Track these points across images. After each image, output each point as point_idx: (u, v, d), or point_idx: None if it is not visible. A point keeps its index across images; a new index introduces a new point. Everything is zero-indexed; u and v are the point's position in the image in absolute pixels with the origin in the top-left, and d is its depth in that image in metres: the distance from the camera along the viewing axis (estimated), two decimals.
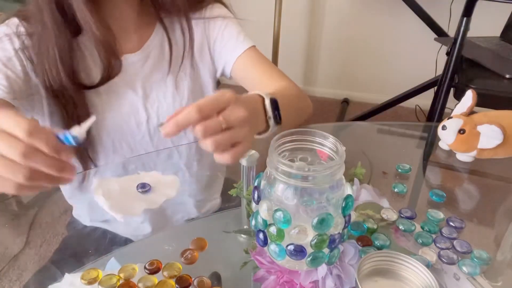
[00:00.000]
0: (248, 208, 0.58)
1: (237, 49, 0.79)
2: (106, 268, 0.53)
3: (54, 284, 0.50)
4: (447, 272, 0.50)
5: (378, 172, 0.73)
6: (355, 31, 2.49)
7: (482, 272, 0.50)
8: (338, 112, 2.52)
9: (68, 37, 0.67)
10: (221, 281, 0.51)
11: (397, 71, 2.50)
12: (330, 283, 0.46)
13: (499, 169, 0.78)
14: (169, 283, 0.48)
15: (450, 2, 2.09)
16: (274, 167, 0.42)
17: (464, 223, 0.59)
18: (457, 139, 0.73)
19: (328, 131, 0.46)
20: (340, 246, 0.48)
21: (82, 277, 0.49)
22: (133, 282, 0.49)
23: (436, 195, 0.66)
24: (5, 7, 1.60)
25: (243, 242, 0.58)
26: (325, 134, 0.45)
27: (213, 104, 0.44)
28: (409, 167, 0.73)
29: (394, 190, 0.67)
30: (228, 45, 0.80)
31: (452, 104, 0.98)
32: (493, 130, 0.70)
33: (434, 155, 0.84)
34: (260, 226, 0.46)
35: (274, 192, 0.44)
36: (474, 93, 0.75)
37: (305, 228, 0.43)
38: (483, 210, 0.70)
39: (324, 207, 0.43)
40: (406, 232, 0.56)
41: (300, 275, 0.48)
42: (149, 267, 0.50)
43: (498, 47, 1.67)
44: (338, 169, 0.42)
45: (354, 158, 0.66)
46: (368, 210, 0.57)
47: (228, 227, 0.62)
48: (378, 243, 0.52)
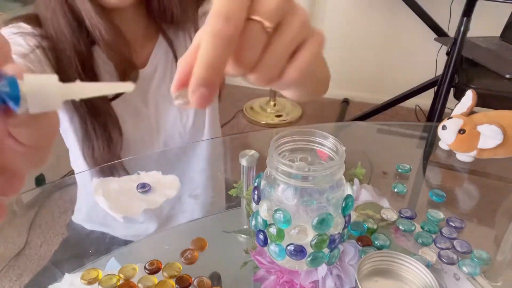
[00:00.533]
0: (248, 208, 0.58)
1: None
2: (106, 268, 0.53)
3: (54, 284, 0.50)
4: (447, 272, 0.50)
5: (378, 172, 0.73)
6: (355, 31, 2.49)
7: (482, 272, 0.50)
8: (338, 112, 2.52)
9: (87, 45, 0.66)
10: (221, 281, 0.51)
11: (397, 71, 2.50)
12: (330, 283, 0.46)
13: (499, 169, 0.78)
14: (169, 283, 0.48)
15: (450, 2, 2.09)
16: (274, 167, 0.42)
17: (464, 223, 0.58)
18: (457, 139, 0.73)
19: (328, 131, 0.46)
20: (340, 246, 0.48)
21: (82, 277, 0.49)
22: (133, 282, 0.49)
23: (436, 195, 0.66)
24: (5, 7, 1.60)
25: (243, 242, 0.58)
26: (325, 134, 0.45)
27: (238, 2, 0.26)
28: (409, 167, 0.73)
29: (394, 190, 0.67)
30: None
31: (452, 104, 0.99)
32: (493, 130, 0.70)
33: (434, 155, 0.84)
34: (260, 226, 0.46)
35: (274, 192, 0.44)
36: (474, 93, 0.75)
37: (305, 228, 0.43)
38: (483, 210, 0.70)
39: (324, 207, 0.43)
40: (406, 232, 0.56)
41: (300, 275, 0.48)
42: (149, 267, 0.50)
43: (498, 47, 1.67)
44: (338, 169, 0.42)
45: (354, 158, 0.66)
46: (368, 210, 0.57)
47: (228, 227, 0.62)
48: (378, 243, 0.52)
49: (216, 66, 0.26)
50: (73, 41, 0.65)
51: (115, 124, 0.71)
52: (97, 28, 0.64)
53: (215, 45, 0.25)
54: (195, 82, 0.26)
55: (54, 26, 0.65)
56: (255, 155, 0.55)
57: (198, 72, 0.26)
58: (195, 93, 0.26)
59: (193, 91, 0.26)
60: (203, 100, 0.26)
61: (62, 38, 0.65)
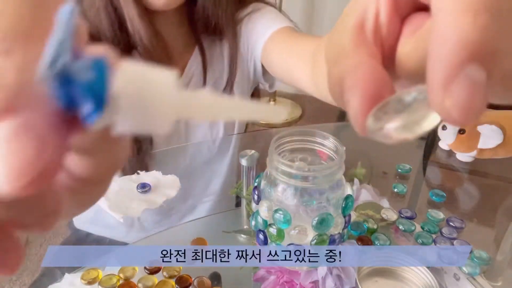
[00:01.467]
0: (248, 208, 0.58)
1: (268, 30, 0.69)
2: (106, 268, 0.53)
3: (54, 284, 0.50)
4: (447, 272, 0.50)
5: (378, 172, 0.73)
6: None
7: (482, 272, 0.50)
8: (338, 112, 2.52)
9: (126, 49, 0.65)
10: (221, 281, 0.51)
11: None
12: (330, 283, 0.46)
13: (499, 169, 0.78)
14: (169, 283, 0.48)
15: None
16: (274, 167, 0.42)
17: (464, 223, 0.58)
18: (457, 139, 0.73)
19: (328, 131, 0.46)
20: (340, 246, 0.48)
21: (82, 277, 0.49)
22: (133, 282, 0.49)
23: (436, 195, 0.66)
24: None
25: (243, 242, 0.58)
26: (325, 134, 0.45)
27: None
28: (409, 167, 0.73)
29: (394, 190, 0.67)
30: (256, 31, 0.71)
31: None
32: (493, 130, 0.70)
33: (434, 155, 0.84)
34: (260, 226, 0.46)
35: (274, 192, 0.44)
36: None
37: (305, 228, 0.43)
38: (483, 210, 0.70)
39: (324, 207, 0.43)
40: (406, 232, 0.56)
41: (300, 275, 0.48)
42: (149, 267, 0.50)
43: None
44: (338, 169, 0.42)
45: (354, 158, 0.66)
46: (368, 210, 0.57)
47: (228, 227, 0.62)
48: (378, 243, 0.52)
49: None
50: (113, 43, 0.63)
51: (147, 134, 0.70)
52: (138, 32, 0.63)
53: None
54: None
55: (96, 26, 0.63)
56: (255, 155, 0.55)
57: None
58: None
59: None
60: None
61: (102, 38, 0.63)
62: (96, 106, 0.10)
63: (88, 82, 0.10)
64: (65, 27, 0.11)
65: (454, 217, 0.60)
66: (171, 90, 0.11)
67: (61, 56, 0.10)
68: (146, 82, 0.11)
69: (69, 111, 0.10)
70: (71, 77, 0.10)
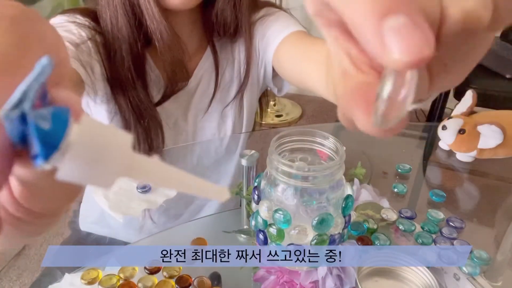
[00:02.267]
0: (248, 208, 0.58)
1: (280, 34, 0.69)
2: (106, 268, 0.53)
3: (54, 284, 0.50)
4: (447, 272, 0.50)
5: (378, 172, 0.73)
6: None
7: (482, 272, 0.50)
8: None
9: (142, 47, 0.65)
10: (221, 281, 0.51)
11: None
12: (330, 283, 0.46)
13: (499, 169, 0.78)
14: (169, 283, 0.48)
15: None
16: (274, 167, 0.42)
17: (464, 223, 0.58)
18: (457, 139, 0.73)
19: (328, 131, 0.46)
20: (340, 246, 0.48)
21: (82, 277, 0.49)
22: (133, 282, 0.49)
23: (436, 195, 0.66)
24: None
25: (243, 242, 0.58)
26: (325, 134, 0.45)
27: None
28: (409, 167, 0.73)
29: (394, 190, 0.67)
30: (269, 35, 0.71)
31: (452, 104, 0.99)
32: (493, 130, 0.70)
33: (434, 155, 0.84)
34: (260, 226, 0.46)
35: (274, 192, 0.44)
36: (474, 93, 0.75)
37: (305, 228, 0.43)
38: (483, 210, 0.70)
39: (324, 207, 0.43)
40: (406, 232, 0.56)
41: (300, 275, 0.48)
42: (149, 267, 0.50)
43: (498, 47, 1.67)
44: (338, 169, 0.42)
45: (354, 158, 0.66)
46: (368, 210, 0.57)
47: (228, 227, 0.62)
48: (378, 243, 0.52)
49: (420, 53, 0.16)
50: (130, 40, 0.63)
51: (159, 131, 0.69)
52: (159, 30, 0.62)
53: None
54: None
55: (113, 23, 0.63)
56: (255, 155, 0.55)
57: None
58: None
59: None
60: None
61: (119, 36, 0.63)
62: (45, 153, 0.11)
63: (44, 131, 0.11)
64: (38, 76, 0.12)
65: (454, 217, 0.60)
66: (125, 150, 0.12)
67: (26, 101, 0.11)
68: (102, 139, 0.12)
69: (22, 146, 0.12)
70: (30, 121, 0.11)
